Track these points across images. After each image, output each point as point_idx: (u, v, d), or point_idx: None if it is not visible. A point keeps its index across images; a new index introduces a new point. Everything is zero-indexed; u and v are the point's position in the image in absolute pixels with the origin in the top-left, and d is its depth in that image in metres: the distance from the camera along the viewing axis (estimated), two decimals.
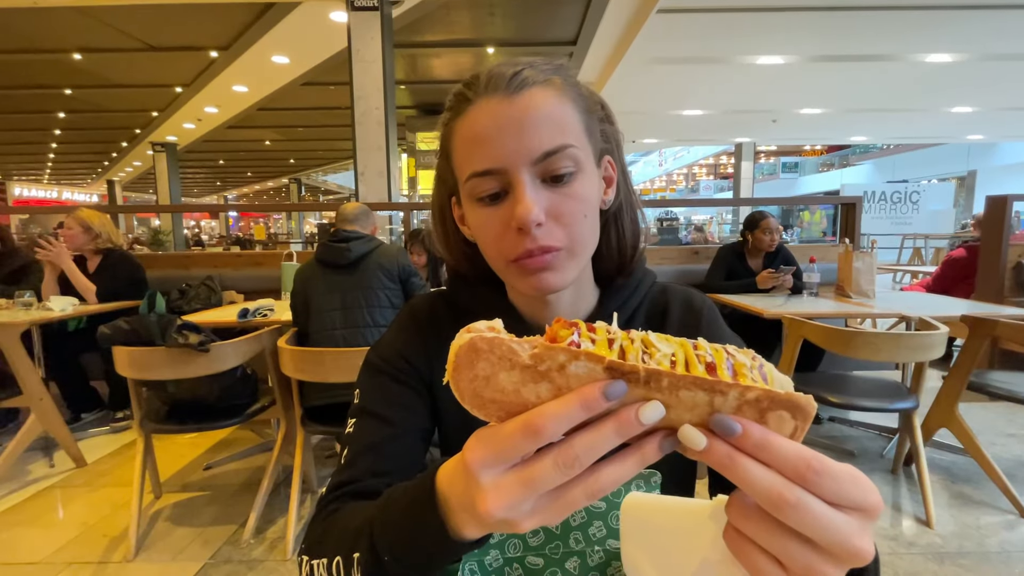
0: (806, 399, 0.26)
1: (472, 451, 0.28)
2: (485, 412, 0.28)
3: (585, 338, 0.26)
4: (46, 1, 4.80)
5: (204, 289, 2.92)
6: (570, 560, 0.44)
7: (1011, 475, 2.07)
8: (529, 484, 0.27)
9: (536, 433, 0.26)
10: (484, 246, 0.52)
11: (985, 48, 6.69)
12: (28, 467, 2.46)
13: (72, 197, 22.97)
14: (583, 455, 0.26)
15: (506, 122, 0.46)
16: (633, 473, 0.27)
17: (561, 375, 0.26)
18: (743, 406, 0.26)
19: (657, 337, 0.27)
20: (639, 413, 0.26)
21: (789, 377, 0.28)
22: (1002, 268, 3.31)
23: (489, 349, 0.26)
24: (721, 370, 0.26)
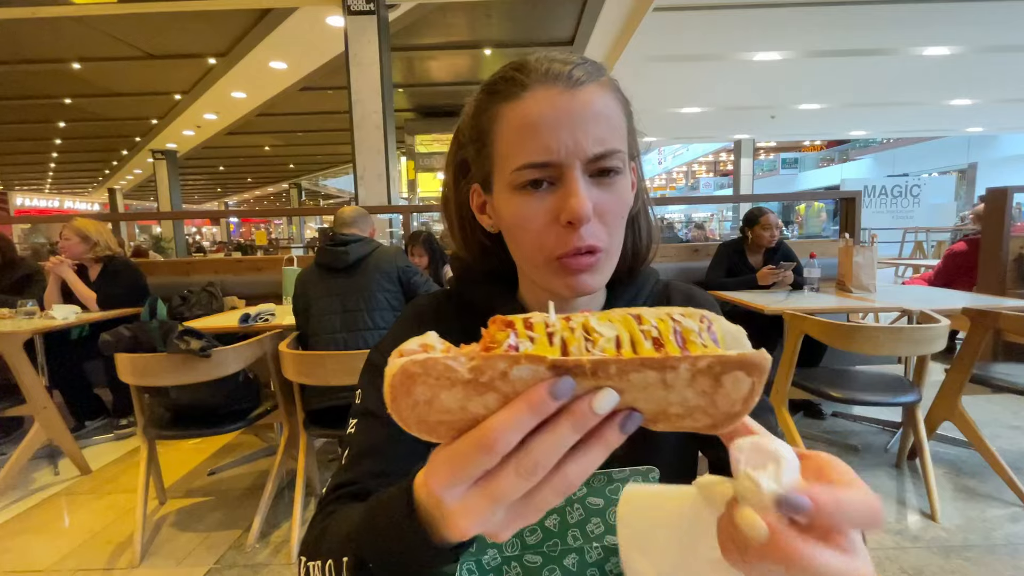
0: (759, 355, 0.25)
1: (432, 475, 0.27)
2: (436, 435, 0.27)
3: (523, 338, 0.25)
4: (45, 11, 4.82)
5: (205, 295, 2.93)
6: (568, 557, 0.44)
7: (1016, 468, 2.06)
8: (495, 498, 0.26)
9: (488, 448, 0.25)
10: (519, 239, 0.50)
11: (983, 40, 6.67)
12: (33, 475, 2.47)
13: (74, 206, 23.02)
14: (543, 459, 0.25)
15: (566, 115, 0.45)
16: (600, 461, 0.27)
17: (505, 382, 0.25)
18: (696, 376, 0.25)
19: (599, 319, 0.26)
20: (593, 404, 0.25)
21: (742, 335, 0.28)
22: (1004, 260, 3.30)
23: (424, 372, 0.25)
24: (668, 342, 0.25)
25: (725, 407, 0.26)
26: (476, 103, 0.51)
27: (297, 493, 1.89)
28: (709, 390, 0.26)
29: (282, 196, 26.15)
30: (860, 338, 1.85)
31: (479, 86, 0.52)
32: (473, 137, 0.52)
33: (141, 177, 16.45)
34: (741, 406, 0.26)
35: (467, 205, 0.56)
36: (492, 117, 0.49)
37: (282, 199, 26.81)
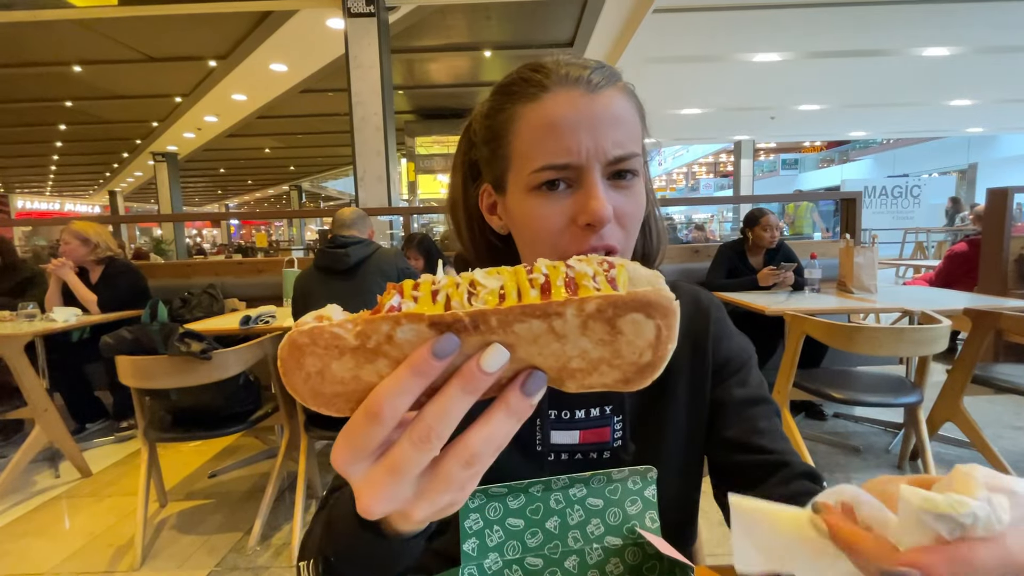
0: (656, 292, 0.23)
1: (335, 451, 0.26)
2: (334, 408, 0.26)
3: (408, 298, 0.24)
4: (45, 15, 4.84)
5: (206, 297, 2.94)
6: (569, 559, 0.44)
7: (1018, 468, 2.06)
8: (396, 471, 0.25)
9: (376, 417, 0.24)
10: (535, 240, 0.49)
11: (982, 41, 6.68)
12: (34, 478, 2.47)
13: (75, 209, 23.07)
14: (438, 425, 0.24)
15: (587, 117, 0.46)
16: (506, 429, 0.25)
17: (392, 346, 0.23)
18: (588, 322, 0.23)
19: (485, 273, 0.24)
20: (480, 362, 0.24)
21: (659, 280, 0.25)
22: (1004, 260, 3.30)
23: (311, 342, 0.24)
24: (556, 288, 0.23)
25: (631, 356, 0.24)
26: (491, 104, 0.52)
27: (298, 495, 1.89)
28: (607, 338, 0.23)
29: (282, 198, 26.19)
30: (861, 339, 1.85)
31: (492, 88, 0.52)
32: (487, 138, 0.52)
33: (142, 179, 16.48)
34: (652, 354, 0.24)
35: (476, 206, 0.56)
36: (509, 118, 0.49)
37: (282, 201, 26.85)
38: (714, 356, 0.60)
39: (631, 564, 0.45)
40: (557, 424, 0.56)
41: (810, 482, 0.51)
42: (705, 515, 0.65)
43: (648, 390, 0.57)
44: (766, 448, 0.54)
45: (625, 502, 0.44)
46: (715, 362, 0.60)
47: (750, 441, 0.55)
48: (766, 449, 0.54)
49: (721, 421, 0.58)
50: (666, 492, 0.55)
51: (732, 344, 0.61)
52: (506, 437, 0.26)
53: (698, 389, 0.59)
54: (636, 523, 0.44)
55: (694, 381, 0.59)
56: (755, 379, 0.61)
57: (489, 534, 0.43)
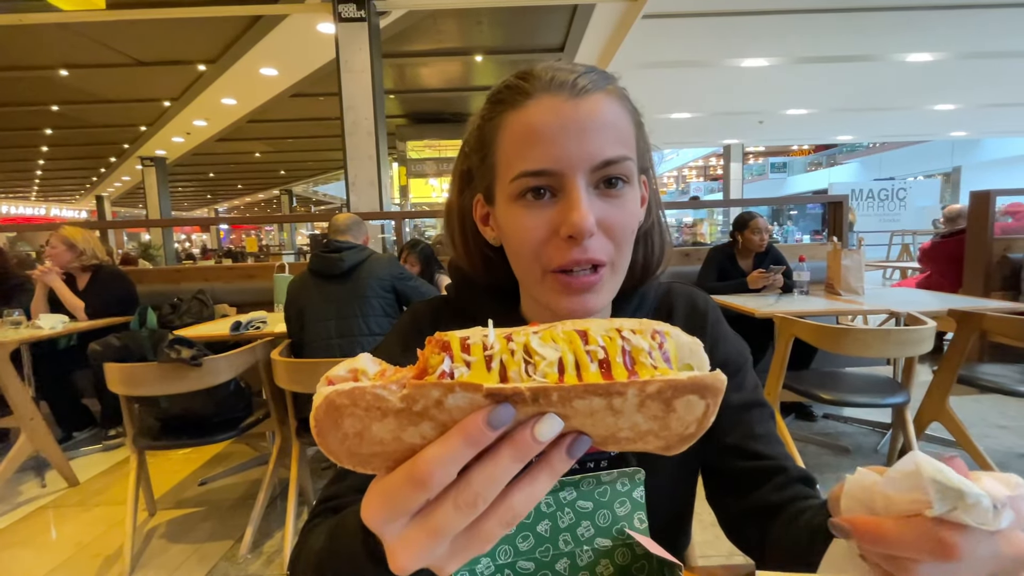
0: (713, 377, 0.24)
1: (367, 508, 0.25)
2: (370, 467, 0.25)
3: (459, 362, 0.23)
4: (31, 18, 4.78)
5: (196, 303, 2.91)
6: (560, 561, 0.44)
7: (1003, 466, 2.09)
8: (435, 533, 0.24)
9: (423, 483, 0.23)
10: (519, 251, 0.48)
11: (964, 47, 6.80)
12: (20, 488, 2.43)
13: (60, 214, 22.77)
14: (484, 491, 0.24)
15: (569, 123, 0.44)
16: (547, 489, 0.26)
17: (441, 411, 0.23)
18: (646, 401, 0.23)
19: (540, 341, 0.24)
20: (535, 432, 0.23)
21: (698, 347, 0.26)
22: (988, 262, 3.36)
23: (351, 403, 0.23)
24: (616, 365, 0.24)
25: (678, 430, 0.25)
26: (482, 113, 0.51)
27: (290, 503, 1.88)
28: (660, 414, 0.24)
29: (273, 202, 26.02)
30: (849, 340, 1.87)
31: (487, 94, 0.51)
32: (476, 147, 0.51)
33: (130, 184, 16.29)
34: (696, 428, 0.25)
35: (470, 216, 0.55)
36: (496, 126, 0.48)
37: (273, 205, 26.67)
38: (711, 360, 0.59)
39: (621, 565, 0.45)
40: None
41: (805, 487, 0.51)
42: (698, 517, 0.65)
43: None
44: (762, 453, 0.54)
45: (614, 504, 0.45)
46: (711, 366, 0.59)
47: (746, 446, 0.55)
48: (762, 455, 0.54)
49: (717, 426, 0.56)
50: (661, 497, 0.55)
51: (729, 348, 0.61)
52: (544, 493, 0.26)
53: None
54: (625, 524, 0.45)
55: None
56: (751, 382, 0.60)
57: None
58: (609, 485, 0.45)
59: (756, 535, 0.51)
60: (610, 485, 0.45)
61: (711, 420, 0.25)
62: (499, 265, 0.55)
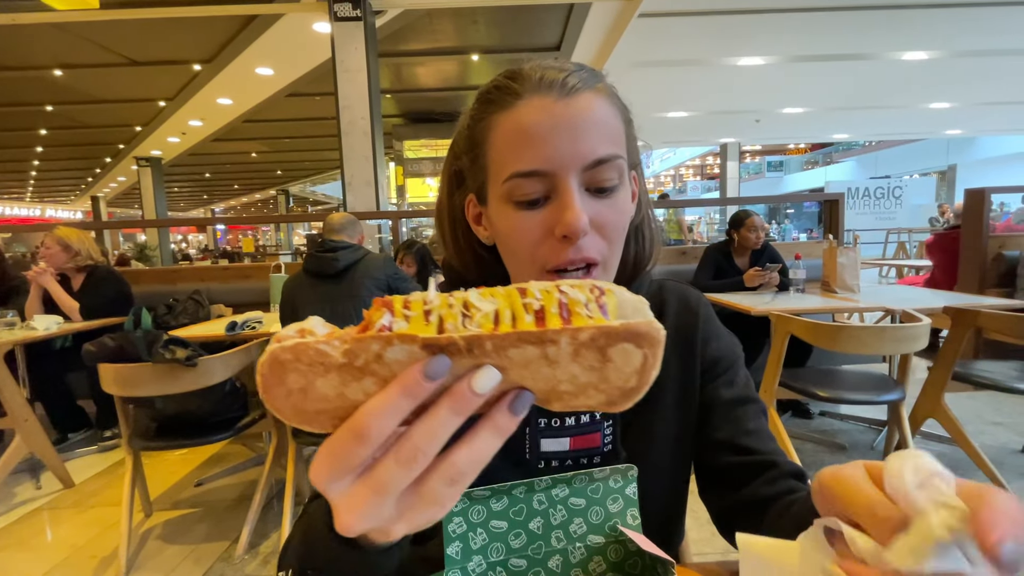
0: (648, 324, 0.23)
1: (313, 467, 0.25)
2: (317, 424, 0.25)
3: (399, 317, 0.24)
4: (24, 18, 4.76)
5: (191, 303, 2.90)
6: (552, 559, 0.44)
7: (998, 463, 2.10)
8: (379, 489, 0.24)
9: (362, 436, 0.23)
10: (514, 252, 0.48)
11: (959, 45, 6.84)
12: (14, 490, 2.42)
13: (56, 215, 22.68)
14: (424, 445, 0.24)
15: (561, 123, 0.44)
16: (491, 446, 0.25)
17: (381, 365, 0.23)
18: (580, 350, 0.23)
19: (479, 295, 0.24)
20: (472, 383, 0.24)
21: (644, 305, 0.26)
22: (983, 259, 3.37)
23: (295, 358, 0.23)
24: (551, 315, 0.23)
25: (618, 382, 0.25)
26: (471, 113, 0.51)
27: (286, 503, 1.87)
28: (597, 364, 0.24)
29: (269, 203, 25.97)
30: (844, 338, 1.88)
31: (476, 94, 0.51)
32: (467, 148, 0.51)
33: (125, 185, 16.24)
34: (636, 380, 0.25)
35: (461, 216, 0.55)
36: (486, 127, 0.48)
37: (270, 206, 26.61)
38: (703, 357, 0.59)
39: (613, 561, 0.45)
40: (546, 432, 0.55)
41: (797, 481, 0.52)
42: (693, 513, 0.65)
43: None
44: (753, 449, 0.54)
45: (607, 500, 0.45)
46: (704, 363, 0.59)
47: (738, 442, 0.55)
48: (754, 450, 0.54)
49: (709, 422, 0.58)
50: (654, 493, 0.55)
51: (721, 344, 0.61)
52: (490, 454, 0.26)
53: (687, 390, 0.59)
54: (618, 521, 0.45)
55: (683, 382, 0.59)
56: (742, 378, 0.60)
57: (473, 537, 0.43)
58: (601, 482, 0.45)
59: (748, 530, 0.51)
60: (602, 482, 0.45)
61: (652, 373, 0.25)
62: (491, 264, 0.55)
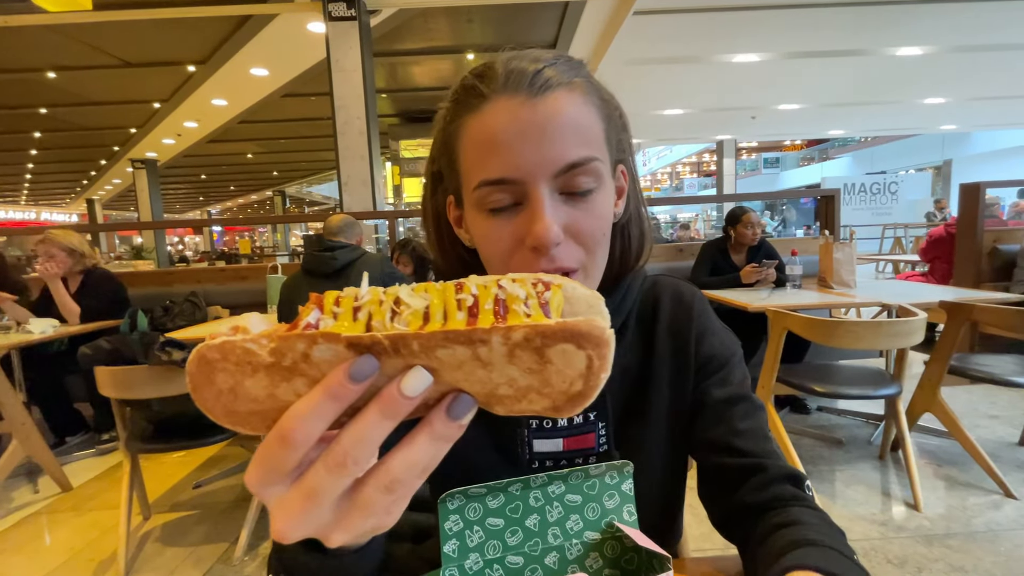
0: (587, 323, 0.21)
1: (248, 471, 0.24)
2: (251, 426, 0.24)
3: (328, 314, 0.22)
4: (17, 20, 4.73)
5: (188, 305, 2.89)
6: (549, 556, 0.44)
7: (995, 456, 2.11)
8: (311, 496, 0.23)
9: (287, 441, 0.22)
10: (488, 260, 0.47)
11: (953, 40, 6.85)
12: (12, 494, 2.41)
13: (51, 218, 22.58)
14: (354, 450, 0.23)
15: (527, 127, 0.41)
16: (430, 452, 0.24)
17: (309, 365, 0.22)
18: (515, 351, 0.22)
19: (411, 291, 0.23)
20: (401, 386, 0.22)
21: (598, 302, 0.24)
22: (978, 253, 3.39)
23: (222, 357, 0.22)
24: (484, 312, 0.22)
25: (561, 386, 0.23)
26: (443, 114, 0.49)
27: None
28: (536, 367, 0.22)
29: (266, 204, 25.90)
30: (841, 333, 1.89)
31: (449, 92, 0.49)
32: (442, 150, 0.49)
33: (121, 187, 16.18)
34: (583, 384, 0.23)
35: (445, 217, 0.53)
36: (456, 129, 0.46)
37: (266, 207, 26.55)
38: (697, 354, 0.58)
39: (610, 558, 0.45)
40: (539, 433, 0.54)
41: (791, 485, 0.50)
42: (692, 510, 0.65)
43: (631, 392, 0.57)
44: (742, 450, 0.53)
45: (603, 497, 0.45)
46: (698, 360, 0.58)
47: (728, 442, 0.54)
48: (742, 451, 0.53)
49: (701, 421, 0.56)
50: (651, 492, 0.55)
51: (715, 341, 0.59)
52: (433, 461, 0.24)
53: (681, 388, 0.57)
54: (614, 517, 0.45)
55: (677, 380, 0.57)
56: (737, 376, 0.58)
57: (469, 535, 0.43)
58: (598, 478, 0.45)
59: (739, 535, 0.51)
60: (598, 478, 0.45)
61: (601, 377, 0.23)
62: (474, 267, 0.53)
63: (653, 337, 0.58)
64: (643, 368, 0.58)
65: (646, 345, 0.58)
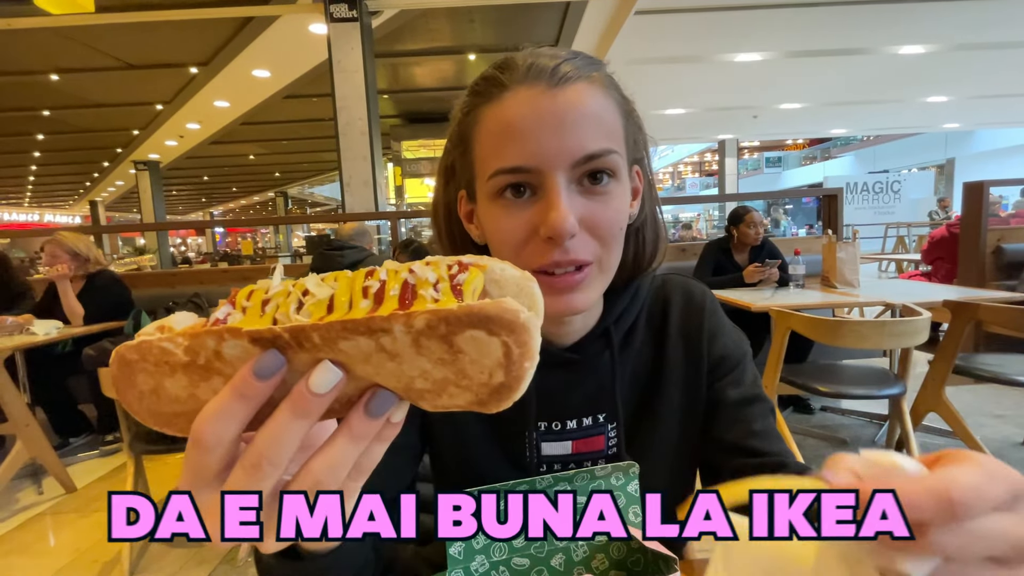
0: (495, 305, 0.19)
1: (180, 477, 0.23)
2: (178, 428, 0.23)
3: (238, 308, 0.21)
4: (20, 23, 4.75)
5: (191, 306, 2.89)
6: (555, 557, 0.44)
7: (1000, 456, 2.08)
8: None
9: (199, 444, 0.21)
10: (499, 252, 0.46)
11: (955, 39, 6.83)
12: (17, 495, 2.42)
13: (55, 219, 22.67)
14: (269, 452, 0.22)
15: (547, 116, 0.41)
16: (351, 452, 0.23)
17: (223, 363, 0.21)
18: (420, 339, 0.20)
19: (319, 280, 0.22)
20: (309, 383, 0.21)
21: (529, 283, 0.22)
22: (982, 252, 3.37)
23: (140, 357, 0.21)
24: (388, 298, 0.20)
25: (479, 377, 0.21)
26: (461, 106, 0.49)
27: None
28: (446, 357, 0.21)
29: (268, 205, 25.95)
30: (845, 332, 1.88)
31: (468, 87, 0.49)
32: (457, 142, 0.49)
33: (123, 189, 16.23)
34: (504, 375, 0.21)
35: (456, 212, 0.53)
36: (473, 120, 0.46)
37: (268, 208, 26.59)
38: (709, 354, 0.57)
39: (616, 559, 0.45)
40: (547, 436, 0.54)
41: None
42: None
43: (642, 393, 0.56)
44: (761, 450, 0.52)
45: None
46: (710, 361, 0.57)
47: (745, 443, 0.53)
48: (761, 451, 0.52)
49: (716, 422, 0.56)
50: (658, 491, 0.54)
51: (727, 340, 0.58)
52: (351, 460, 0.23)
53: (693, 389, 0.57)
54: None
55: (689, 381, 0.57)
56: (749, 377, 0.58)
57: (475, 537, 0.43)
58: (603, 479, 0.45)
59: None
60: (604, 479, 0.45)
61: (525, 366, 0.21)
62: None
63: (664, 337, 0.58)
64: (654, 368, 0.57)
65: (657, 345, 0.58)
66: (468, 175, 0.49)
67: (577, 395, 0.54)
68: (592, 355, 0.54)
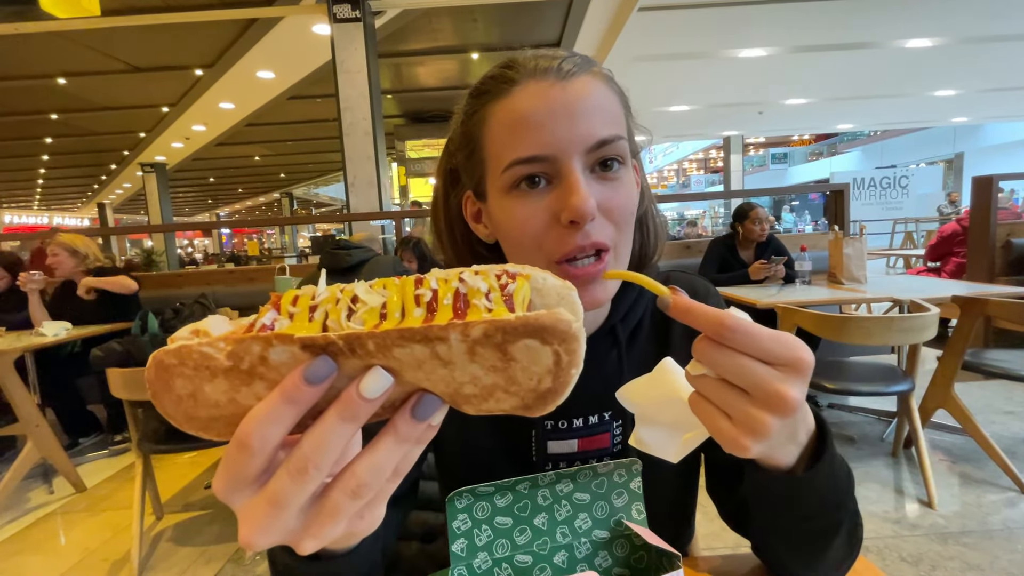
0: (550, 316, 0.20)
1: (215, 478, 0.24)
2: (215, 432, 0.24)
3: (284, 314, 0.22)
4: (27, 28, 4.80)
5: (198, 307, 2.91)
6: (558, 554, 0.44)
7: (1010, 452, 2.08)
8: (275, 502, 0.23)
9: (246, 447, 0.22)
10: (518, 244, 0.46)
11: (964, 31, 6.76)
12: (27, 495, 2.44)
13: (63, 222, 22.87)
14: (315, 456, 0.22)
15: (558, 107, 0.43)
16: (395, 455, 0.23)
17: (268, 368, 0.21)
18: (475, 348, 0.20)
19: (369, 287, 0.22)
20: (360, 388, 0.21)
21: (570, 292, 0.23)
22: (992, 247, 3.34)
23: (179, 362, 0.21)
24: (443, 307, 0.21)
25: (529, 384, 0.22)
26: (464, 108, 0.50)
27: None
28: (499, 364, 0.21)
29: (274, 206, 26.07)
30: (852, 329, 1.86)
31: (467, 91, 0.50)
32: (462, 143, 0.50)
33: (131, 191, 16.36)
34: (552, 381, 0.22)
35: (459, 215, 0.54)
36: (481, 119, 0.47)
37: (274, 209, 26.72)
38: None
39: (619, 556, 0.45)
40: (553, 434, 0.54)
41: None
42: (702, 508, 0.65)
43: None
44: None
45: (611, 495, 0.45)
46: None
47: None
48: None
49: None
50: (665, 493, 0.54)
51: None
52: (405, 463, 0.24)
53: None
54: (623, 515, 0.45)
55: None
56: None
57: (478, 533, 0.43)
58: (606, 476, 0.45)
59: (747, 525, 0.51)
60: (607, 476, 0.45)
61: (571, 373, 0.22)
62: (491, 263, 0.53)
63: (668, 334, 0.58)
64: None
65: (661, 342, 0.58)
66: (476, 175, 0.49)
67: (583, 393, 0.53)
68: (599, 353, 0.54)
